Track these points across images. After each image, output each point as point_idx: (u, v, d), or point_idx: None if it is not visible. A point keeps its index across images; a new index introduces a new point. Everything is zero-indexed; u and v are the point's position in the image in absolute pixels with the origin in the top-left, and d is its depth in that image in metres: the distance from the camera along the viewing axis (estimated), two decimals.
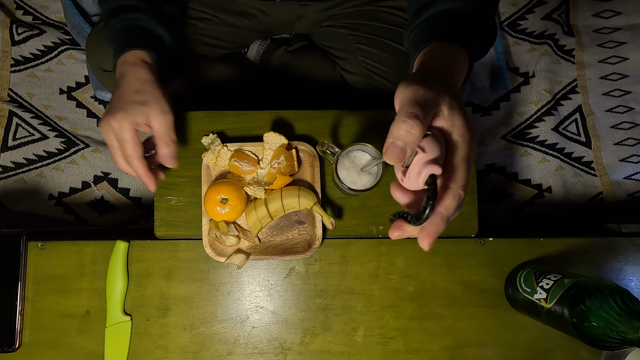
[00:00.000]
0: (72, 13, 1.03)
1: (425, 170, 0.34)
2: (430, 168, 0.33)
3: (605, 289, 0.48)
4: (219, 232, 0.60)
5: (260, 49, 1.02)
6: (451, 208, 0.35)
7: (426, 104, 0.34)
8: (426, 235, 0.35)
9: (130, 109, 0.53)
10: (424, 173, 0.34)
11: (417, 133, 0.33)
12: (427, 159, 0.34)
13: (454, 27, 0.48)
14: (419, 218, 0.34)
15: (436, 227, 0.35)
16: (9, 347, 0.61)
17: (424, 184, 0.34)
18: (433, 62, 0.45)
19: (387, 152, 0.34)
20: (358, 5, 0.80)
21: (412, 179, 0.35)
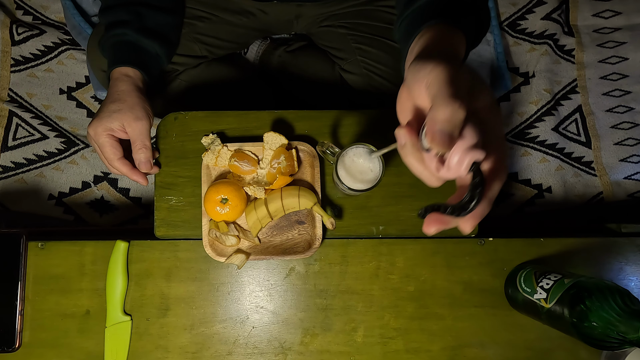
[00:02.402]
0: (72, 13, 1.03)
1: (468, 157, 0.31)
2: (473, 154, 0.30)
3: (605, 289, 0.48)
4: (219, 232, 0.60)
5: (260, 49, 1.02)
6: (497, 190, 0.33)
7: (460, 84, 0.32)
8: (472, 217, 0.32)
9: (104, 116, 0.60)
10: (466, 160, 0.31)
11: (461, 116, 0.30)
12: (468, 145, 0.31)
13: (448, 9, 0.46)
14: (464, 209, 0.31)
15: (483, 209, 0.33)
16: (9, 347, 0.61)
17: (466, 172, 0.31)
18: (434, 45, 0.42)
19: (434, 139, 0.30)
20: (357, 5, 0.80)
21: (453, 168, 0.31)
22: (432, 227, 0.34)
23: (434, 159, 0.33)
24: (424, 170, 0.34)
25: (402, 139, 0.34)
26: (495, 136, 0.33)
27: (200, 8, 0.77)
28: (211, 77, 0.85)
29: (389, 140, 0.45)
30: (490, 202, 0.33)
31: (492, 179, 0.33)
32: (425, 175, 0.34)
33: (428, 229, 0.34)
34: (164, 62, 0.71)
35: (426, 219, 0.34)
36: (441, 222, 0.34)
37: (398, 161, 0.66)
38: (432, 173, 0.34)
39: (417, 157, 0.34)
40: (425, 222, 0.34)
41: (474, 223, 0.33)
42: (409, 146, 0.34)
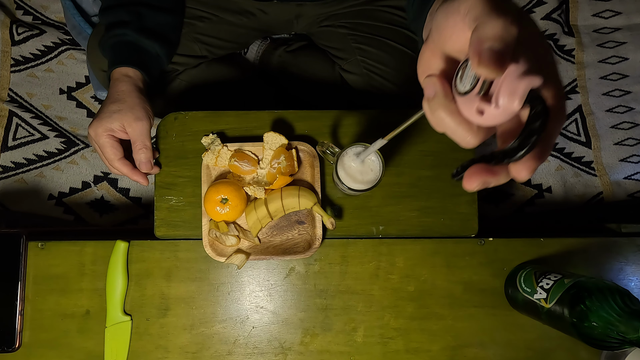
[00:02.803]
0: (72, 13, 1.03)
1: (523, 83, 0.24)
2: (529, 80, 0.24)
3: (605, 289, 0.48)
4: (219, 232, 0.60)
5: (260, 49, 1.02)
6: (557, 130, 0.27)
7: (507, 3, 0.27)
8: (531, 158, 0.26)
9: (104, 117, 0.60)
10: (522, 88, 0.24)
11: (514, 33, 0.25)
12: (522, 70, 0.25)
13: None
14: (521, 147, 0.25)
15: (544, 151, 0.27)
16: (9, 347, 0.61)
17: (520, 103, 0.25)
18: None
19: (483, 60, 0.24)
20: (357, 5, 0.80)
21: (505, 101, 0.25)
22: (475, 180, 0.28)
23: (474, 102, 0.26)
24: (459, 125, 0.28)
25: (431, 88, 0.29)
26: (546, 65, 0.27)
27: (201, 8, 0.77)
28: (211, 77, 0.85)
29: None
30: (550, 146, 0.27)
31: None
32: (461, 132, 0.28)
33: (470, 184, 0.28)
34: (164, 62, 0.71)
35: (467, 173, 0.28)
36: (487, 172, 0.27)
37: (398, 161, 0.66)
38: (470, 125, 0.28)
39: (450, 108, 0.28)
40: (465, 177, 0.28)
41: (533, 166, 0.26)
42: (440, 96, 0.28)
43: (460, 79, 0.27)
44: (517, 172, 0.27)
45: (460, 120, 0.28)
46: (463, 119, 0.28)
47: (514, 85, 0.25)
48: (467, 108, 0.27)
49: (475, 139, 0.28)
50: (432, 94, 0.29)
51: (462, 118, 0.28)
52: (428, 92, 0.29)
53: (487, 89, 0.26)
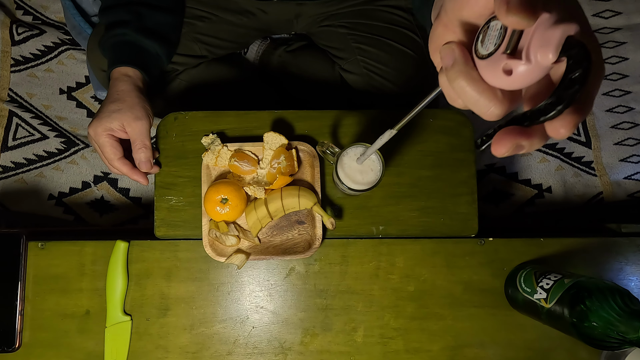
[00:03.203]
0: (72, 13, 1.03)
1: (558, 32, 0.21)
2: (565, 27, 0.21)
3: (605, 289, 0.48)
4: (219, 232, 0.60)
5: (260, 49, 1.02)
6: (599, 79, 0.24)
7: None
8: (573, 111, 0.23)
9: (104, 117, 0.60)
10: (556, 37, 0.21)
11: None
12: (554, 18, 0.22)
13: None
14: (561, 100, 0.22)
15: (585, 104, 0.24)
16: (9, 347, 0.61)
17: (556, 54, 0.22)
18: None
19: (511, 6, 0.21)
20: (357, 5, 0.80)
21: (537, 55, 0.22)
22: (506, 144, 0.24)
23: (499, 62, 0.23)
24: (482, 93, 0.25)
25: (450, 56, 0.26)
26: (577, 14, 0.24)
27: (200, 8, 0.77)
28: (211, 77, 0.85)
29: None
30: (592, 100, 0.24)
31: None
32: (484, 101, 0.25)
33: (500, 148, 0.25)
34: (164, 62, 0.71)
35: (496, 137, 0.25)
36: (520, 133, 0.24)
37: (398, 161, 0.66)
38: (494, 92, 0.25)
39: (472, 75, 0.25)
40: (494, 142, 0.25)
41: (574, 122, 0.23)
42: (460, 63, 0.26)
43: (481, 43, 0.25)
44: (555, 130, 0.24)
45: (483, 88, 0.25)
46: (486, 86, 0.25)
47: (548, 35, 0.22)
48: (492, 71, 0.24)
49: (500, 108, 0.25)
50: (451, 62, 0.26)
51: (485, 85, 0.25)
52: (446, 60, 0.26)
53: (515, 44, 0.23)
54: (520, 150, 0.25)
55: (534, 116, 0.23)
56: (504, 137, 0.24)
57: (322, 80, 0.90)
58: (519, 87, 0.24)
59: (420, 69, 0.80)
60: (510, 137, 0.24)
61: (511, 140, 0.24)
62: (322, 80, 0.90)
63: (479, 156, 1.05)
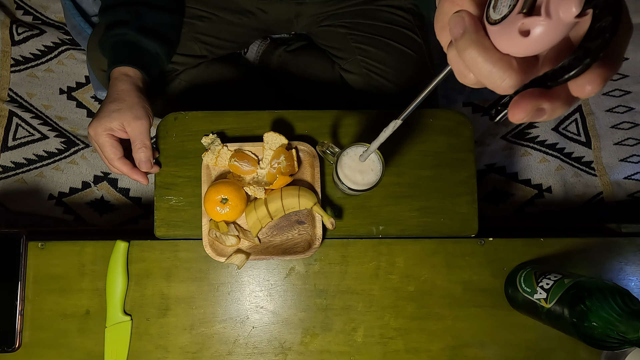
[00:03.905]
0: (72, 13, 1.03)
1: None
2: None
3: (605, 289, 0.48)
4: (219, 232, 0.60)
5: (260, 49, 1.02)
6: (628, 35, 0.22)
7: None
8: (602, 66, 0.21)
9: (104, 116, 0.60)
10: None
11: None
12: None
13: None
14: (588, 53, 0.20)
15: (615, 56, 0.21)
16: (9, 347, 0.61)
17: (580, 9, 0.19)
18: None
19: None
20: (357, 5, 0.80)
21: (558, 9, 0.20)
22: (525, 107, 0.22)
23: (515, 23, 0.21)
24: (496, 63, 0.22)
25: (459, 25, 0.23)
26: None
27: (200, 7, 0.77)
28: (211, 77, 0.85)
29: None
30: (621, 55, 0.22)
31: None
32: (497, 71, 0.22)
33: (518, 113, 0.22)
34: (164, 62, 0.71)
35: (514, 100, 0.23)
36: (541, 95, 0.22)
37: (398, 161, 0.66)
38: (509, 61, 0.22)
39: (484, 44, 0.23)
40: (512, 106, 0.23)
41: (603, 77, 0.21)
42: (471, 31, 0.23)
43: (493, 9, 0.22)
44: (580, 88, 0.21)
45: (497, 57, 0.22)
46: (499, 55, 0.22)
47: None
48: (507, 36, 0.22)
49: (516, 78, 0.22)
50: (461, 31, 0.23)
51: (498, 54, 0.22)
52: (455, 30, 0.23)
53: (533, 2, 0.20)
54: (540, 116, 0.22)
55: (556, 75, 0.21)
56: (523, 99, 0.22)
57: (322, 80, 0.90)
58: (538, 50, 0.21)
59: (420, 69, 0.80)
60: (529, 99, 0.22)
61: (531, 102, 0.22)
62: (322, 80, 0.90)
63: (479, 156, 1.05)
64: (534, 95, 0.22)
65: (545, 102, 0.22)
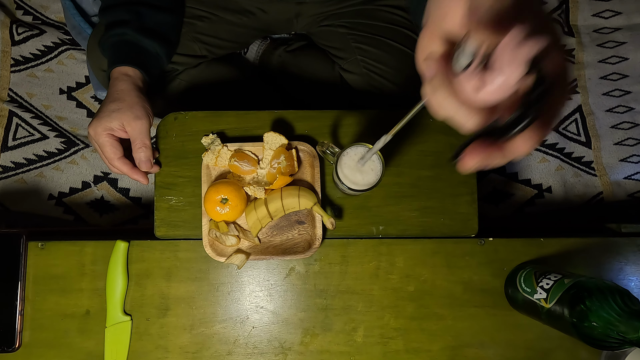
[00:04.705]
0: (72, 13, 1.03)
1: (525, 47, 0.22)
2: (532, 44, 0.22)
3: (605, 289, 0.48)
4: (219, 232, 0.60)
5: (260, 49, 1.02)
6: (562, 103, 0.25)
7: None
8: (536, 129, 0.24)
9: (104, 116, 0.60)
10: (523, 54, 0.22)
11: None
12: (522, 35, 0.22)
13: None
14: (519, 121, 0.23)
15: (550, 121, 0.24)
16: (9, 347, 0.61)
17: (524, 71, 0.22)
18: None
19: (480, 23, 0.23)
20: (357, 4, 0.80)
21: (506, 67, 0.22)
22: (473, 159, 0.26)
23: (473, 76, 0.24)
24: (460, 107, 0.26)
25: (432, 68, 0.27)
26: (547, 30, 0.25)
27: (200, 7, 0.77)
28: (211, 77, 0.85)
29: None
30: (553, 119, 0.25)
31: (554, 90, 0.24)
32: (461, 114, 0.26)
33: (467, 164, 0.26)
34: (164, 62, 0.71)
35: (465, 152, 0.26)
36: (488, 148, 0.25)
37: (398, 161, 0.66)
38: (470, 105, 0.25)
39: (450, 90, 0.26)
40: (464, 156, 0.26)
41: (538, 138, 0.24)
42: (440, 76, 0.26)
43: (458, 58, 0.25)
44: (515, 148, 0.25)
45: (460, 102, 0.25)
46: (463, 100, 0.25)
47: (516, 51, 0.22)
48: (466, 86, 0.24)
49: (476, 122, 0.26)
50: (433, 74, 0.27)
51: (462, 99, 0.25)
52: (428, 72, 0.27)
53: (487, 59, 0.23)
54: (487, 166, 0.26)
55: (499, 132, 0.24)
56: (471, 154, 0.26)
57: (322, 80, 0.90)
58: (491, 102, 0.24)
59: None
60: (477, 152, 0.25)
61: (478, 155, 0.26)
62: (322, 80, 0.90)
63: None
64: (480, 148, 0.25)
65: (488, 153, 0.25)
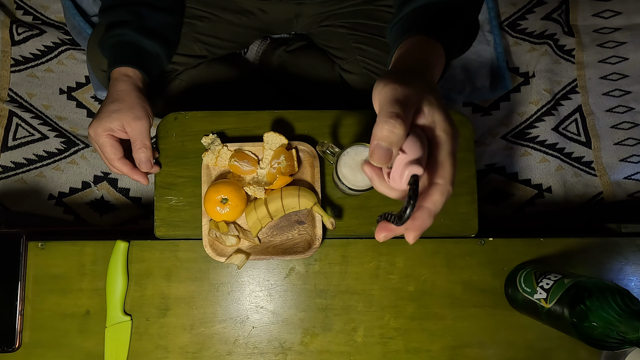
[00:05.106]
0: (72, 13, 1.03)
1: (407, 170, 0.33)
2: (411, 169, 0.33)
3: (605, 289, 0.48)
4: (219, 232, 0.60)
5: (260, 49, 1.02)
6: (439, 204, 0.35)
7: (406, 102, 0.34)
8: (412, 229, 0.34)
9: (104, 117, 0.60)
10: (405, 174, 0.33)
11: (400, 132, 0.32)
12: (408, 160, 0.33)
13: (431, 21, 0.48)
14: (400, 218, 0.34)
15: (422, 222, 0.34)
16: (9, 347, 0.61)
17: (406, 184, 0.34)
18: (408, 56, 0.44)
19: (373, 155, 0.33)
20: (357, 5, 0.80)
21: (396, 180, 0.35)
22: (381, 234, 0.36)
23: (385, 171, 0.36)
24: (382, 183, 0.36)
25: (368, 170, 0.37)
26: (446, 153, 0.35)
27: (200, 7, 0.77)
28: (211, 77, 0.85)
29: None
30: (431, 215, 0.34)
31: (433, 193, 0.34)
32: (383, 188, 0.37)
33: (378, 236, 0.37)
34: (164, 62, 0.71)
35: (377, 226, 0.37)
36: (387, 230, 0.36)
37: None
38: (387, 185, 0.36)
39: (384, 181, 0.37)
40: (376, 229, 0.37)
41: (416, 234, 0.34)
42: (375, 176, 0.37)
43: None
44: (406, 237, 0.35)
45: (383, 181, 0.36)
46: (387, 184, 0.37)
47: (402, 170, 0.33)
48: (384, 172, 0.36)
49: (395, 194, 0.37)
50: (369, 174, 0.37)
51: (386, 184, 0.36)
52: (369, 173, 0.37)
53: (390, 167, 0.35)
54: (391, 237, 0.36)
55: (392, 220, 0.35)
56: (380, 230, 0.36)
57: (322, 80, 0.90)
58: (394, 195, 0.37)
59: None
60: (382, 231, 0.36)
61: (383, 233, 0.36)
62: (322, 80, 0.90)
63: (479, 156, 1.05)
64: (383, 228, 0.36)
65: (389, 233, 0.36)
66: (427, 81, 0.39)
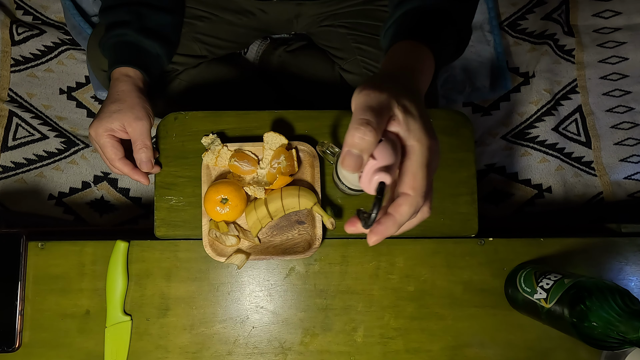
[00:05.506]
0: (72, 13, 1.03)
1: (375, 177, 0.33)
2: (379, 176, 0.33)
3: (605, 289, 0.48)
4: (219, 232, 0.60)
5: (260, 49, 1.02)
6: (406, 215, 0.34)
7: (379, 109, 0.34)
8: (374, 233, 0.35)
9: (104, 117, 0.60)
10: (373, 180, 0.33)
11: (370, 139, 0.32)
12: (377, 166, 0.33)
13: (421, 26, 0.48)
14: (365, 222, 0.34)
15: (385, 228, 0.34)
16: (9, 347, 0.61)
17: (374, 190, 0.34)
18: (395, 62, 0.44)
19: (344, 162, 0.33)
20: (357, 5, 0.80)
21: (365, 185, 0.35)
22: (350, 227, 0.37)
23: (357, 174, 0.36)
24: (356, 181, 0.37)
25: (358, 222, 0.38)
26: (418, 163, 0.34)
27: (200, 7, 0.77)
28: (211, 77, 0.85)
29: None
30: (395, 224, 0.34)
31: (402, 203, 0.34)
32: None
33: (346, 228, 0.37)
34: (164, 62, 0.71)
35: (348, 220, 0.37)
36: (354, 226, 0.37)
37: None
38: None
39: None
40: (346, 222, 0.37)
41: (376, 239, 0.35)
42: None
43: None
44: (367, 239, 0.35)
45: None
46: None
47: (370, 176, 0.34)
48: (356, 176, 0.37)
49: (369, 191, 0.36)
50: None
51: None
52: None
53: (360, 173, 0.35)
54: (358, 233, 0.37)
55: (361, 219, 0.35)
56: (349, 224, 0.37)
57: (322, 80, 0.90)
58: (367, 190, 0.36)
59: None
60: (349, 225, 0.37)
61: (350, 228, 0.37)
62: (322, 80, 0.90)
63: (479, 156, 1.05)
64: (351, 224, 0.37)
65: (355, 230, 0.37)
66: (408, 87, 0.39)
